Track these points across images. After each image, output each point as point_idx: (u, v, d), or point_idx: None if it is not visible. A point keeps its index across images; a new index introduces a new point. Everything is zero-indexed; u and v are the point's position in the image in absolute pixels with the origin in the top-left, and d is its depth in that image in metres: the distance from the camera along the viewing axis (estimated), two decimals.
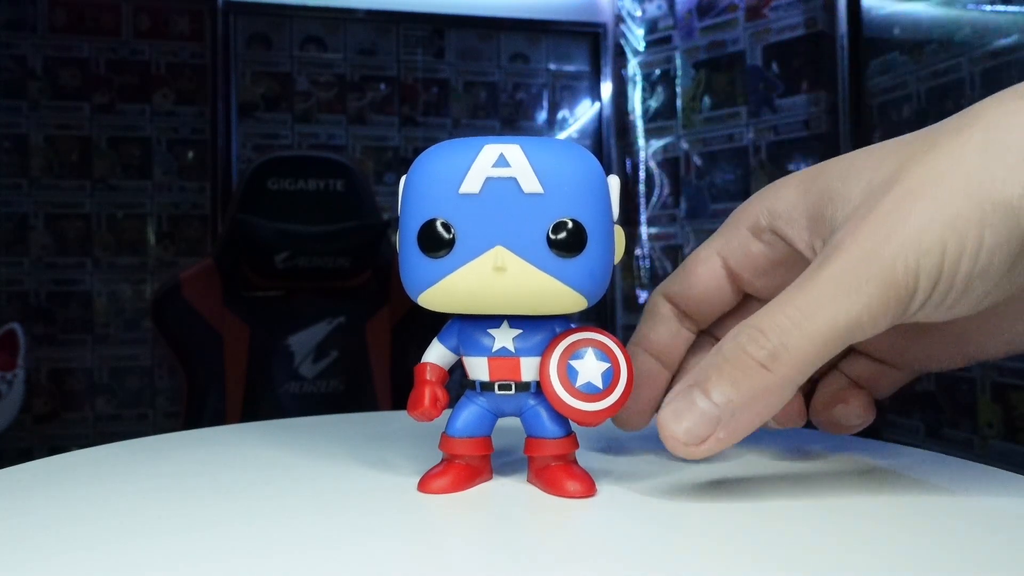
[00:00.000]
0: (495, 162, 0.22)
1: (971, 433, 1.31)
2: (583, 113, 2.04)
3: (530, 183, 0.22)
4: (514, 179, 0.22)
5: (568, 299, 0.22)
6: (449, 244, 0.22)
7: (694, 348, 0.29)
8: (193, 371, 1.39)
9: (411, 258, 0.23)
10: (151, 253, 1.82)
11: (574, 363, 0.23)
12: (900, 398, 1.38)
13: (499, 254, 0.22)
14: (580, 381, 0.23)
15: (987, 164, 0.20)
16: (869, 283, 0.20)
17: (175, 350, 1.40)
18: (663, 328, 0.28)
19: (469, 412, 0.24)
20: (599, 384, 0.23)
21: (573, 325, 0.24)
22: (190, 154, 1.84)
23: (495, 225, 0.22)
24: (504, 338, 0.24)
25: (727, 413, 0.21)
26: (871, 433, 0.29)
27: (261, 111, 1.86)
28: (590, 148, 1.38)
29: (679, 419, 0.21)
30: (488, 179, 0.22)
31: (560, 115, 2.03)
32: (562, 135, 2.01)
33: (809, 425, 0.29)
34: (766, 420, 0.22)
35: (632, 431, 0.29)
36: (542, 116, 2.02)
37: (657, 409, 0.26)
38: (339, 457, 0.27)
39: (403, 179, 0.24)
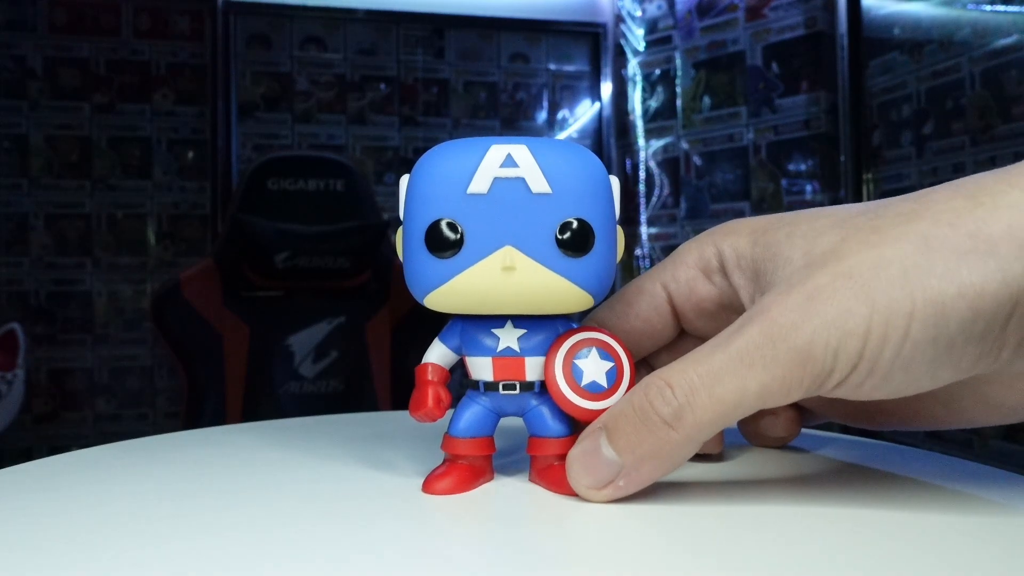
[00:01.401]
0: (503, 162, 0.22)
1: (971, 433, 1.31)
2: (583, 113, 2.04)
3: (538, 183, 0.22)
4: (522, 179, 0.22)
5: (576, 298, 0.22)
6: (457, 244, 0.22)
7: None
8: (193, 371, 1.39)
9: (417, 259, 0.22)
10: (151, 253, 1.82)
11: (579, 362, 0.23)
12: None
13: (508, 254, 0.22)
14: (585, 380, 0.23)
15: (927, 259, 0.20)
16: (786, 355, 0.20)
17: (175, 350, 1.40)
18: None
19: (472, 412, 0.24)
20: (603, 383, 0.23)
21: (575, 325, 0.24)
22: (190, 154, 1.84)
23: (503, 225, 0.22)
24: (508, 338, 0.24)
25: (630, 464, 0.21)
26: (871, 433, 0.29)
27: (261, 111, 1.86)
28: (590, 148, 1.37)
29: (584, 462, 0.22)
30: (496, 179, 0.22)
31: (560, 115, 2.03)
32: (562, 135, 2.01)
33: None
34: (670, 472, 0.22)
35: None
36: (542, 116, 2.02)
37: None
38: (339, 458, 0.27)
39: (403, 179, 0.23)
